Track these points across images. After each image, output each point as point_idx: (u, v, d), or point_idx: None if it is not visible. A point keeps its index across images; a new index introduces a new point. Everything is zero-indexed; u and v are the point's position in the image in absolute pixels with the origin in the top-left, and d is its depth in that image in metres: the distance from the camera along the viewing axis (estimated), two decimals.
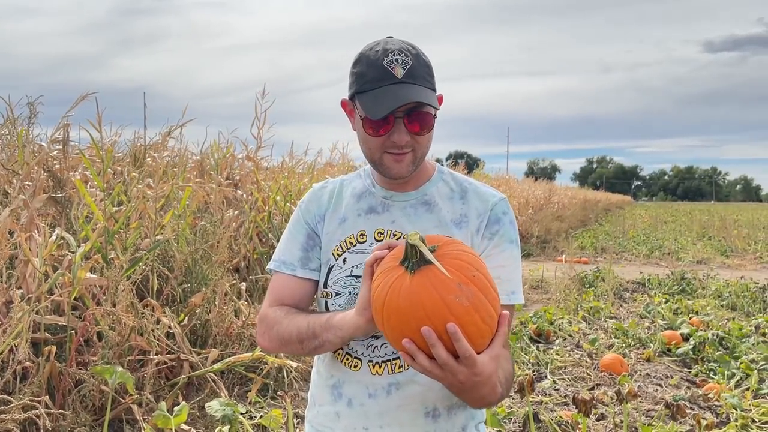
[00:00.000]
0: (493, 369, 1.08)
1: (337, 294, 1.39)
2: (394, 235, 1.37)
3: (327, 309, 1.40)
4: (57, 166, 4.29)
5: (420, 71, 1.27)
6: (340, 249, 1.40)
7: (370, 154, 1.35)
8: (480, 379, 1.07)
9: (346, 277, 1.38)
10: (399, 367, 1.33)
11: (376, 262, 1.17)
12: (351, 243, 1.39)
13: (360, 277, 1.32)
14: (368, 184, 1.45)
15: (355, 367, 1.36)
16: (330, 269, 1.41)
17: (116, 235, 3.83)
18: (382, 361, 1.34)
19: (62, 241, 3.49)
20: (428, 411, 1.34)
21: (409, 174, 1.35)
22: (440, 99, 1.36)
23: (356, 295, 1.34)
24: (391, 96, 1.24)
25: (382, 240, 1.37)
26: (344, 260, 1.38)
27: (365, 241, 1.38)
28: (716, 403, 4.00)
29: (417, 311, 1.04)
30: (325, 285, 1.41)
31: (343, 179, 1.51)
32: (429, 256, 1.07)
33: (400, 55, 1.26)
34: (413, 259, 1.08)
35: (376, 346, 1.35)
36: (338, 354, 1.38)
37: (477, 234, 1.36)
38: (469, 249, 1.17)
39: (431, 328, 1.02)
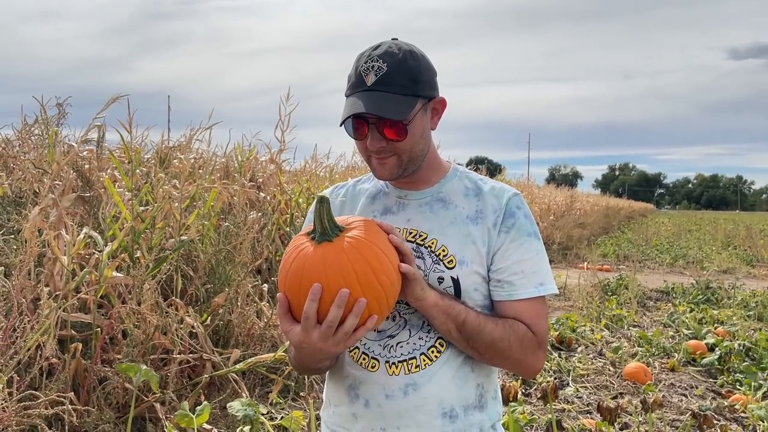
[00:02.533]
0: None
1: None
2: (410, 233, 1.37)
3: None
4: (86, 166, 4.35)
5: (396, 77, 1.26)
6: None
7: (361, 155, 1.39)
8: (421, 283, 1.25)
9: None
10: (416, 367, 1.33)
11: None
12: None
13: None
14: (382, 185, 1.46)
15: (372, 367, 1.35)
16: None
17: (142, 235, 3.87)
18: (399, 362, 1.34)
19: (90, 240, 3.54)
20: (445, 412, 1.34)
21: (395, 176, 1.35)
22: (442, 102, 1.37)
23: None
24: (354, 104, 1.27)
25: None
26: None
27: None
28: (742, 414, 3.93)
29: (317, 272, 1.16)
30: None
31: (356, 181, 1.52)
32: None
33: (377, 61, 1.27)
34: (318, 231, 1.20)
35: (392, 346, 1.34)
36: (354, 353, 1.38)
37: (494, 229, 1.35)
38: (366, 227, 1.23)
39: (321, 286, 1.12)
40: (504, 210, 1.37)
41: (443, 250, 1.34)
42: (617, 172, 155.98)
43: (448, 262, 1.34)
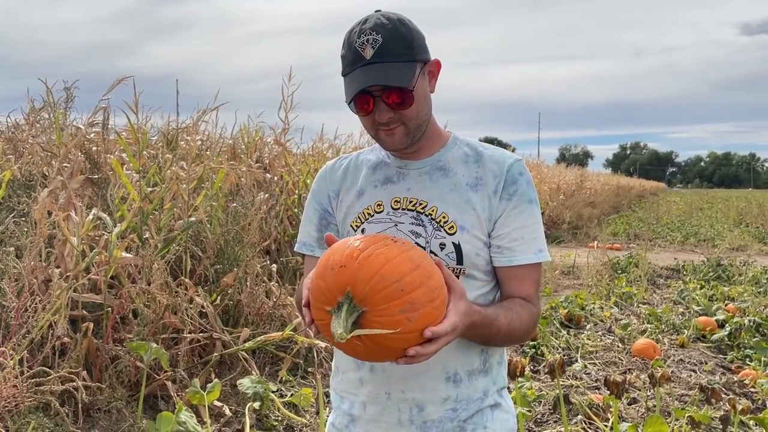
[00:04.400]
0: (463, 316, 1.15)
1: None
2: (410, 202, 1.38)
3: None
4: (94, 148, 4.37)
5: (393, 47, 1.27)
6: (358, 221, 1.42)
7: (367, 132, 1.39)
8: (463, 325, 1.16)
9: None
10: None
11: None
12: (369, 214, 1.41)
13: None
14: (383, 155, 1.47)
15: None
16: None
17: (151, 216, 3.90)
18: None
19: (99, 221, 3.57)
20: (449, 376, 1.36)
21: (404, 146, 1.36)
22: (437, 64, 1.37)
23: None
24: (358, 79, 1.27)
25: (398, 208, 1.39)
26: (363, 231, 1.40)
27: (382, 211, 1.40)
28: (752, 389, 3.93)
29: (382, 354, 1.13)
30: None
31: (359, 153, 1.53)
32: (364, 331, 1.08)
33: (371, 34, 1.27)
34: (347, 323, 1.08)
35: None
36: None
37: (495, 195, 1.36)
38: (385, 255, 1.10)
39: (416, 349, 1.10)
40: (505, 176, 1.37)
41: (443, 217, 1.35)
42: (628, 151, 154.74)
43: (449, 228, 1.34)
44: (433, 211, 1.36)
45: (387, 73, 1.27)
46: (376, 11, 1.34)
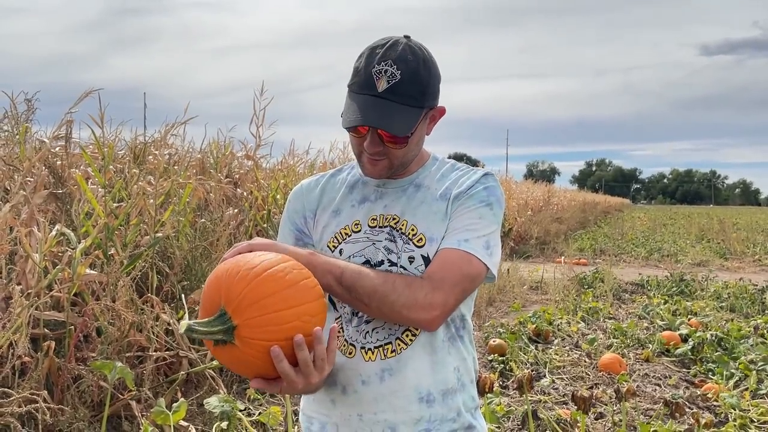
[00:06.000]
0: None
1: None
2: (385, 218, 1.38)
3: (331, 301, 1.41)
4: (58, 162, 4.29)
5: (408, 88, 1.25)
6: (335, 240, 1.41)
7: (353, 150, 1.39)
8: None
9: None
10: (391, 352, 1.33)
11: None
12: (346, 233, 1.40)
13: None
14: (361, 174, 1.46)
15: (349, 354, 1.36)
16: None
17: (116, 232, 3.83)
18: (374, 347, 1.34)
19: (62, 237, 3.50)
20: (422, 396, 1.34)
21: (383, 177, 1.38)
22: (441, 111, 1.37)
23: None
24: (360, 109, 1.26)
25: (375, 226, 1.39)
26: (340, 251, 1.39)
27: (359, 230, 1.40)
28: (715, 403, 4.01)
29: (251, 367, 1.16)
30: None
31: (336, 171, 1.53)
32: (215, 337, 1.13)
33: (392, 66, 1.24)
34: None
35: (368, 332, 1.35)
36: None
37: (456, 200, 1.36)
38: (260, 265, 1.16)
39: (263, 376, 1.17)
40: (467, 183, 1.38)
41: (412, 230, 1.36)
42: (594, 168, 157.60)
43: (418, 241, 1.35)
44: (403, 224, 1.37)
45: (392, 116, 1.25)
46: (405, 36, 1.31)
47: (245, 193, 5.89)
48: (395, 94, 1.25)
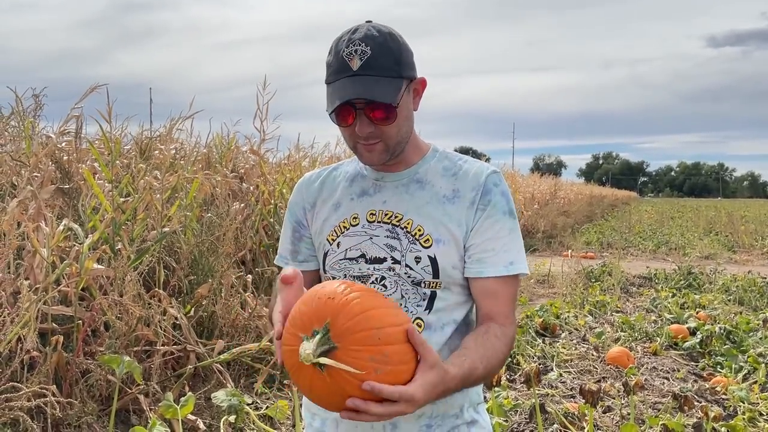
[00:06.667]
0: (429, 388, 1.08)
1: (333, 278, 1.40)
2: (386, 215, 1.37)
3: None
4: (65, 157, 4.30)
5: (381, 61, 1.25)
6: (334, 234, 1.40)
7: (346, 143, 1.37)
8: (425, 399, 1.08)
9: (341, 260, 1.39)
10: None
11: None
12: (344, 227, 1.39)
13: (353, 259, 1.36)
14: (360, 167, 1.45)
15: None
16: (326, 254, 1.41)
17: (123, 226, 3.84)
18: None
19: (70, 232, 3.50)
20: None
21: (383, 162, 1.35)
22: (422, 82, 1.36)
23: (352, 277, 1.36)
24: (342, 90, 1.25)
25: (373, 221, 1.37)
26: (338, 244, 1.39)
27: (357, 224, 1.38)
28: (723, 396, 3.99)
29: (336, 397, 1.06)
30: (324, 270, 1.43)
31: (338, 165, 1.52)
32: (331, 362, 1.02)
33: (360, 45, 1.25)
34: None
35: None
36: None
37: (471, 207, 1.35)
38: (365, 298, 1.08)
39: (354, 401, 1.03)
40: (482, 188, 1.36)
41: (419, 230, 1.34)
42: (601, 161, 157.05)
43: (425, 242, 1.33)
44: (408, 224, 1.35)
45: (373, 87, 1.25)
46: (366, 21, 1.32)
47: (251, 188, 5.90)
48: (371, 68, 1.25)
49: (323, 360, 1.02)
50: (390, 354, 1.04)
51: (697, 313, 6.19)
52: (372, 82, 1.25)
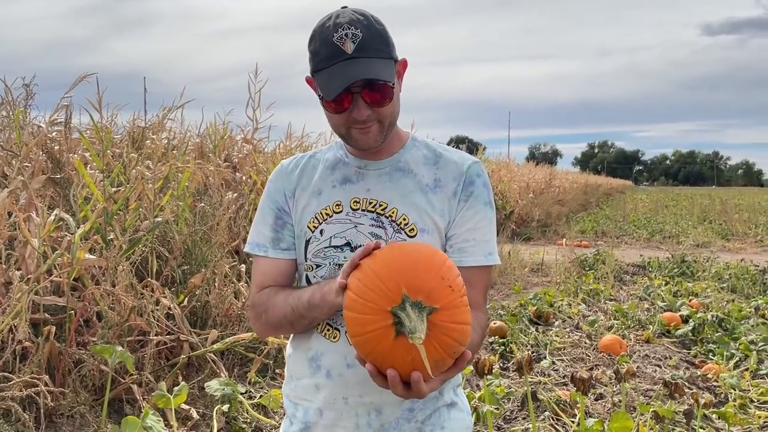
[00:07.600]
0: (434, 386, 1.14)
1: (318, 266, 1.39)
2: (370, 203, 1.37)
3: (308, 282, 1.40)
4: (56, 147, 4.27)
5: (372, 42, 1.26)
6: (316, 221, 1.39)
7: (337, 130, 1.35)
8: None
9: (325, 248, 1.38)
10: None
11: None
12: (327, 214, 1.39)
13: (339, 247, 1.35)
14: (341, 154, 1.44)
15: (334, 338, 1.36)
16: (307, 242, 1.40)
17: (115, 216, 3.82)
18: None
19: (61, 222, 3.49)
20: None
21: (378, 144, 1.35)
22: (404, 64, 1.36)
23: (337, 265, 1.35)
24: (342, 74, 1.24)
25: (357, 209, 1.37)
26: (321, 231, 1.38)
27: (341, 211, 1.38)
28: (715, 383, 4.02)
29: (408, 367, 1.09)
30: (306, 258, 1.41)
31: (315, 152, 1.51)
32: (426, 363, 1.05)
33: (350, 28, 1.24)
34: (404, 324, 1.06)
35: None
36: (319, 325, 1.38)
37: (454, 198, 1.36)
38: (463, 303, 1.13)
39: (396, 373, 1.08)
40: (464, 177, 1.37)
41: (404, 219, 1.35)
42: (596, 150, 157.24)
43: (410, 231, 1.34)
44: (393, 212, 1.35)
45: (374, 67, 1.25)
46: (342, 7, 1.32)
47: (244, 177, 5.88)
48: (365, 50, 1.25)
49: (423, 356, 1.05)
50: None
51: (689, 300, 6.22)
52: (370, 63, 1.25)
